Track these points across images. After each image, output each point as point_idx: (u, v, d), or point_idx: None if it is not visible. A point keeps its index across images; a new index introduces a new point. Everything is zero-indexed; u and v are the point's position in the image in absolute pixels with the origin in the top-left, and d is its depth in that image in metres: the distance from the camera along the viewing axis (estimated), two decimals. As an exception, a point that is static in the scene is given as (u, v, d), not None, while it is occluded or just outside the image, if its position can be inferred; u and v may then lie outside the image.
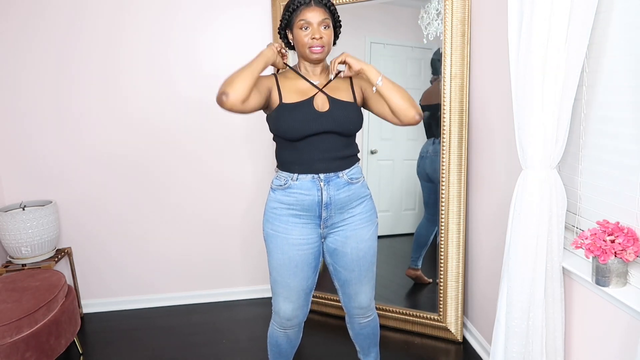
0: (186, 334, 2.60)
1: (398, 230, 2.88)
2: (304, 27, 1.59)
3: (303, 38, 1.60)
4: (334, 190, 1.66)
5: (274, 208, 1.70)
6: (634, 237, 1.30)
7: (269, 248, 1.72)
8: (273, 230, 1.69)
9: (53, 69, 2.61)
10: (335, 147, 1.65)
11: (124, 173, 2.77)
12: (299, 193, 1.65)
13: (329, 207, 1.67)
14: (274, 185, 1.72)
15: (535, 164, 1.49)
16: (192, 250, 2.92)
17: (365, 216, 1.75)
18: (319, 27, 1.59)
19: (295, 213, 1.67)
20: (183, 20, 2.67)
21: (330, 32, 1.63)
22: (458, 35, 2.20)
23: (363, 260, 1.76)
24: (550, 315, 1.58)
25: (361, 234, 1.73)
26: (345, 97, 1.69)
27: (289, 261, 1.67)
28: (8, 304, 1.96)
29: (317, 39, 1.59)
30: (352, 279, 1.78)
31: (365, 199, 1.76)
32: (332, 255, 1.76)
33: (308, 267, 1.71)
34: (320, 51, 1.61)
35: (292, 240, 1.67)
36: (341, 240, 1.73)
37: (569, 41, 1.38)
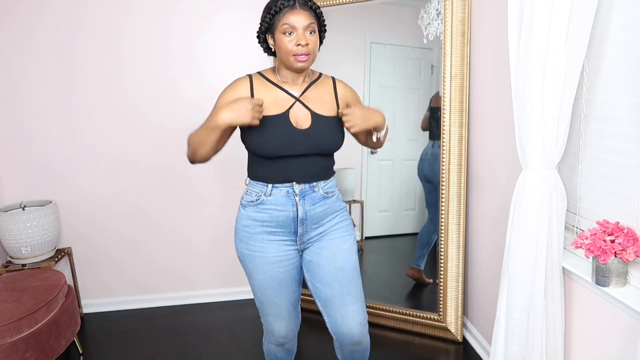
0: (186, 334, 2.60)
1: (398, 230, 2.88)
2: (287, 32, 1.44)
3: (287, 44, 1.44)
4: (310, 205, 1.54)
5: (246, 226, 1.56)
6: (634, 237, 1.30)
7: (247, 269, 1.60)
8: (249, 250, 1.57)
9: (53, 69, 2.61)
10: (315, 165, 1.54)
11: (124, 173, 2.77)
12: (273, 209, 1.53)
13: (305, 223, 1.55)
14: (245, 201, 1.58)
15: (535, 164, 1.49)
16: (192, 250, 2.92)
17: (341, 226, 1.62)
18: (305, 33, 1.44)
19: (270, 230, 1.55)
20: (183, 21, 2.67)
21: (316, 38, 1.48)
22: (458, 35, 2.20)
23: (342, 273, 1.57)
24: (550, 315, 1.58)
25: (337, 244, 1.59)
26: (327, 109, 1.55)
27: (272, 280, 1.56)
28: (8, 304, 1.96)
29: (302, 45, 1.43)
30: (333, 296, 1.58)
31: (340, 212, 1.64)
32: (308, 269, 1.62)
33: (292, 281, 1.60)
34: (305, 59, 1.46)
35: (271, 258, 1.55)
36: (316, 251, 1.59)
37: (569, 41, 1.38)
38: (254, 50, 2.72)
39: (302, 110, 1.52)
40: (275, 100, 1.51)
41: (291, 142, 1.47)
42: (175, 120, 2.75)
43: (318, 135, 1.50)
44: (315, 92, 1.56)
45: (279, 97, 1.52)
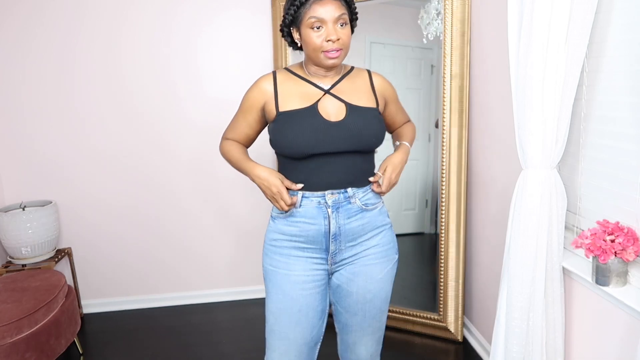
0: (186, 334, 2.60)
1: (398, 230, 2.86)
2: (315, 27, 1.28)
3: (315, 40, 1.29)
4: (344, 218, 1.37)
5: (274, 240, 1.41)
6: (634, 236, 1.30)
7: (267, 288, 1.42)
8: (272, 267, 1.41)
9: (53, 70, 2.61)
10: (351, 167, 1.36)
11: (124, 173, 2.77)
12: (303, 222, 1.36)
13: (338, 239, 1.38)
14: (274, 213, 1.42)
15: (535, 164, 1.49)
16: (192, 250, 2.92)
17: (381, 250, 1.43)
18: (335, 26, 1.28)
19: (298, 245, 1.38)
20: (183, 20, 2.66)
21: (348, 31, 1.32)
22: (458, 35, 2.20)
23: (370, 304, 1.43)
24: (550, 315, 1.58)
25: (372, 272, 1.42)
26: (365, 100, 1.39)
27: (292, 304, 1.36)
28: (8, 304, 1.96)
29: (333, 41, 1.28)
30: (354, 324, 1.46)
31: (383, 230, 1.45)
32: (334, 293, 1.46)
33: (314, 312, 1.39)
34: (337, 55, 1.30)
35: (295, 277, 1.37)
36: (347, 277, 1.42)
37: (569, 41, 1.38)
38: (253, 50, 2.73)
39: (334, 103, 1.35)
40: (301, 93, 1.36)
41: (322, 136, 1.30)
42: (175, 121, 2.75)
43: (355, 126, 1.32)
44: (348, 84, 1.40)
45: (307, 91, 1.37)
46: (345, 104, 1.35)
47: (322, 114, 1.33)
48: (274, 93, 1.36)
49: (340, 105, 1.35)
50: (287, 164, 1.38)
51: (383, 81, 1.48)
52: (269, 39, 2.71)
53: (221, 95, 2.74)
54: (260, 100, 1.38)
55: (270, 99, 1.37)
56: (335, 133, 1.31)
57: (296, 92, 1.36)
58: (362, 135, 1.34)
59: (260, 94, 1.38)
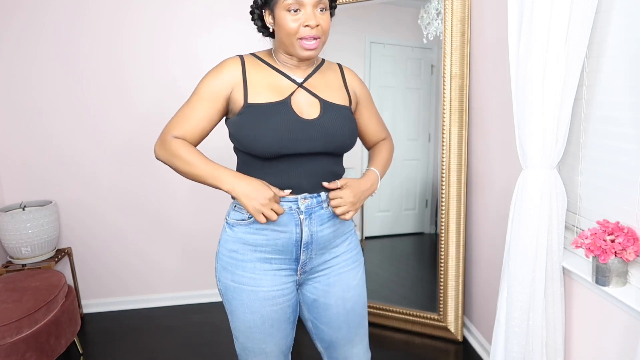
0: (186, 334, 2.60)
1: (398, 230, 2.88)
2: (292, 9, 1.14)
3: (290, 24, 1.15)
4: (317, 225, 1.24)
5: (233, 251, 1.24)
6: (634, 236, 1.31)
7: (230, 306, 1.28)
8: (235, 283, 1.25)
9: (54, 70, 2.61)
10: (323, 169, 1.24)
11: (124, 173, 2.76)
12: (271, 230, 1.21)
13: (309, 248, 1.25)
14: (232, 219, 1.27)
15: (535, 164, 1.49)
16: (192, 250, 2.92)
17: (350, 255, 1.34)
18: (314, 10, 1.15)
19: (264, 257, 1.23)
20: (183, 21, 2.67)
21: (327, 17, 1.19)
22: (458, 35, 2.20)
23: (352, 314, 1.34)
24: (550, 315, 1.58)
25: (347, 279, 1.33)
26: (338, 98, 1.27)
27: (262, 321, 1.25)
28: (8, 304, 1.96)
29: (312, 26, 1.15)
30: (340, 339, 1.36)
31: (349, 234, 1.35)
32: (311, 309, 1.35)
33: (286, 323, 1.29)
34: (315, 46, 1.17)
35: (264, 293, 1.23)
36: (322, 289, 1.31)
37: (569, 41, 1.38)
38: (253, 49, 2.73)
39: (308, 98, 1.23)
40: (272, 85, 1.21)
41: (296, 135, 1.17)
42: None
43: (330, 125, 1.20)
44: (320, 78, 1.28)
45: (277, 83, 1.22)
46: (319, 100, 1.23)
47: (295, 110, 1.19)
48: (243, 81, 1.20)
49: (314, 101, 1.23)
50: (251, 164, 1.22)
51: (355, 78, 1.36)
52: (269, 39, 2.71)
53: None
54: (227, 87, 1.21)
55: (238, 87, 1.20)
56: (309, 132, 1.18)
57: (266, 82, 1.21)
58: (337, 135, 1.22)
59: (227, 80, 1.21)
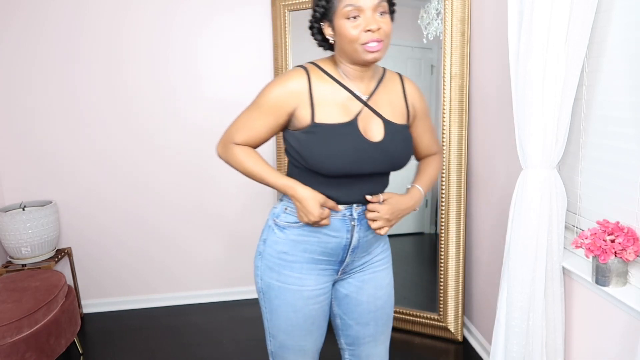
0: (186, 334, 2.60)
1: (398, 230, 2.87)
2: (351, 16, 1.13)
3: (351, 31, 1.13)
4: (364, 230, 1.28)
5: (283, 252, 1.27)
6: (634, 236, 1.30)
7: (272, 305, 1.30)
8: (280, 282, 1.27)
9: (54, 70, 2.60)
10: (378, 185, 1.29)
11: (124, 173, 2.76)
12: (324, 234, 1.25)
13: (356, 251, 1.30)
14: (283, 221, 1.28)
15: (535, 164, 1.49)
16: (192, 251, 2.92)
17: (384, 257, 1.40)
18: (374, 14, 1.14)
19: (312, 257, 1.27)
20: (183, 21, 2.66)
21: (388, 20, 1.17)
22: (458, 35, 2.20)
23: (381, 312, 1.38)
24: (550, 315, 1.58)
25: (380, 279, 1.37)
26: (399, 116, 1.28)
27: (305, 319, 1.29)
28: (8, 304, 1.96)
29: (373, 30, 1.12)
30: (366, 336, 1.39)
31: (384, 238, 1.41)
32: (341, 304, 1.38)
33: (324, 320, 1.35)
34: (378, 48, 1.14)
35: (308, 292, 1.27)
36: (356, 285, 1.35)
37: (569, 41, 1.38)
38: (253, 50, 2.73)
39: (372, 118, 1.22)
40: (338, 103, 1.20)
41: (362, 159, 1.18)
42: (174, 121, 2.75)
43: (393, 149, 1.23)
44: (383, 93, 1.27)
45: (343, 100, 1.21)
46: (383, 120, 1.23)
47: (361, 131, 1.20)
48: (309, 97, 1.19)
49: (378, 122, 1.23)
50: (310, 178, 1.23)
51: (415, 91, 1.35)
52: (269, 39, 2.71)
53: (221, 96, 2.74)
54: (292, 103, 1.19)
55: (304, 104, 1.19)
56: (374, 155, 1.20)
57: (332, 99, 1.20)
58: (399, 158, 1.26)
59: (292, 95, 1.19)
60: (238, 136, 1.26)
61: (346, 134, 1.18)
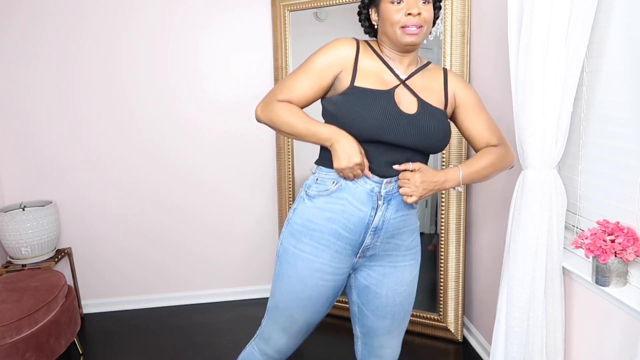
0: (186, 334, 2.60)
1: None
2: (395, 1, 1.22)
3: (393, 14, 1.22)
4: (393, 211, 1.28)
5: (308, 220, 1.29)
6: (634, 236, 1.31)
7: (281, 268, 1.34)
8: (296, 249, 1.31)
9: (54, 70, 2.60)
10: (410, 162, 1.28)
11: (124, 173, 2.76)
12: (349, 202, 1.26)
13: (378, 233, 1.29)
14: (314, 191, 1.31)
15: (535, 164, 1.49)
16: (192, 251, 2.92)
17: (411, 252, 1.38)
18: (417, 1, 1.22)
19: (334, 229, 1.27)
20: (183, 21, 2.66)
21: (430, 9, 1.25)
22: (458, 35, 2.20)
23: (400, 307, 1.39)
24: (550, 315, 1.58)
25: (403, 274, 1.37)
26: (436, 100, 1.31)
27: (303, 290, 1.31)
28: (8, 304, 1.96)
29: (413, 15, 1.20)
30: (381, 328, 1.40)
31: (415, 231, 1.39)
32: (360, 294, 1.39)
33: (325, 301, 1.34)
34: (416, 32, 1.22)
35: (318, 265, 1.28)
36: (377, 277, 1.35)
37: (569, 41, 1.38)
38: (253, 50, 2.73)
39: (407, 95, 1.28)
40: (378, 75, 1.28)
41: (394, 125, 1.22)
42: (174, 121, 2.75)
43: (425, 124, 1.25)
44: (422, 79, 1.32)
45: (383, 74, 1.28)
46: (417, 99, 1.28)
47: (397, 102, 1.25)
48: (354, 64, 1.26)
49: (412, 99, 1.27)
50: None
51: (459, 83, 1.37)
52: (269, 39, 2.71)
53: (221, 96, 2.74)
54: (339, 65, 1.27)
55: (348, 68, 1.26)
56: (406, 125, 1.23)
57: (373, 71, 1.27)
58: (430, 134, 1.26)
59: (340, 60, 1.27)
60: (282, 94, 1.30)
61: (380, 99, 1.23)
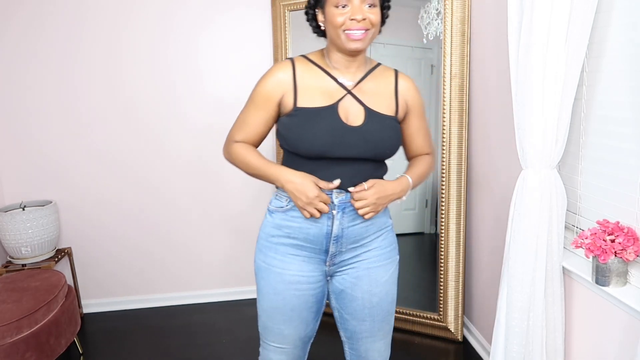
0: (186, 334, 2.60)
1: (398, 230, 2.86)
2: (340, 5, 1.18)
3: (336, 18, 1.19)
4: (349, 220, 1.30)
5: (270, 235, 1.34)
6: (634, 236, 1.31)
7: (259, 285, 1.37)
8: (265, 263, 1.34)
9: (54, 70, 2.60)
10: (363, 173, 1.29)
11: (124, 173, 2.76)
12: (303, 219, 1.29)
13: (339, 241, 1.31)
14: (273, 206, 1.35)
15: (535, 164, 1.49)
16: (192, 250, 2.92)
17: (383, 252, 1.38)
18: (362, 5, 1.19)
19: (296, 243, 1.31)
20: (183, 21, 2.66)
21: (376, 12, 1.21)
22: (458, 35, 2.20)
23: (377, 308, 1.38)
24: (550, 315, 1.58)
25: (376, 275, 1.37)
26: (385, 107, 1.31)
27: (284, 303, 1.32)
28: (8, 304, 1.96)
29: (358, 20, 1.18)
30: (363, 331, 1.41)
31: (385, 231, 1.40)
32: (338, 299, 1.40)
33: (308, 311, 1.35)
34: (361, 37, 1.20)
35: (289, 277, 1.31)
36: (351, 281, 1.36)
37: (569, 41, 1.38)
38: (254, 49, 2.73)
39: (354, 105, 1.27)
40: (321, 89, 1.27)
41: (339, 141, 1.23)
42: (174, 121, 2.75)
43: (372, 134, 1.25)
44: (371, 84, 1.31)
45: (327, 86, 1.27)
46: (364, 108, 1.27)
47: (341, 116, 1.25)
48: (293, 85, 1.26)
49: (359, 108, 1.27)
50: (295, 160, 1.29)
51: (410, 88, 1.37)
52: (269, 39, 2.71)
53: (221, 96, 2.74)
54: (278, 92, 1.27)
55: (289, 92, 1.26)
56: (352, 139, 1.24)
57: (316, 86, 1.27)
58: (377, 144, 1.27)
59: (277, 85, 1.27)
60: (237, 134, 1.35)
61: (325, 117, 1.23)
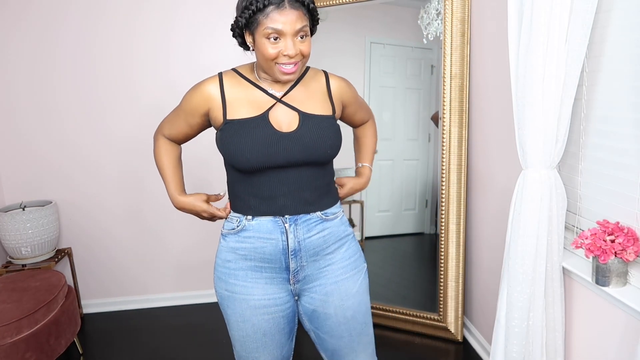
0: (186, 334, 2.60)
1: (398, 230, 2.88)
2: (272, 37, 1.14)
3: (270, 51, 1.15)
4: (304, 232, 1.25)
5: (227, 261, 1.28)
6: (634, 237, 1.30)
7: (226, 315, 1.32)
8: (228, 292, 1.28)
9: (54, 70, 2.61)
10: (307, 180, 1.25)
11: (124, 173, 2.77)
12: (257, 237, 1.24)
13: (298, 255, 1.26)
14: (225, 229, 1.30)
15: (535, 164, 1.49)
16: (192, 250, 2.92)
17: (348, 262, 1.33)
18: (294, 39, 1.15)
19: (254, 265, 1.26)
20: (183, 22, 2.67)
21: (308, 42, 1.19)
22: (458, 35, 2.20)
23: (353, 322, 1.33)
24: (550, 315, 1.58)
25: (346, 288, 1.31)
26: (320, 108, 1.27)
27: (254, 330, 1.28)
28: (8, 304, 1.96)
29: (291, 56, 1.15)
30: (343, 347, 1.35)
31: (346, 240, 1.34)
32: (311, 320, 1.34)
33: (280, 334, 1.31)
34: (293, 70, 1.18)
35: (255, 302, 1.26)
36: (320, 299, 1.30)
37: (569, 41, 1.38)
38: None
39: (287, 112, 1.24)
40: (251, 101, 1.24)
41: (275, 149, 1.19)
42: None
43: (308, 137, 1.22)
44: (302, 90, 1.28)
45: (256, 98, 1.24)
46: (298, 112, 1.24)
47: (273, 124, 1.21)
48: (221, 99, 1.24)
49: (293, 114, 1.24)
50: (237, 176, 1.26)
51: (340, 84, 1.35)
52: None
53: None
54: (204, 105, 1.26)
55: (216, 106, 1.24)
56: (287, 145, 1.20)
57: (245, 98, 1.24)
58: (316, 146, 1.22)
59: (203, 99, 1.26)
60: (165, 129, 1.43)
61: (256, 127, 1.21)
